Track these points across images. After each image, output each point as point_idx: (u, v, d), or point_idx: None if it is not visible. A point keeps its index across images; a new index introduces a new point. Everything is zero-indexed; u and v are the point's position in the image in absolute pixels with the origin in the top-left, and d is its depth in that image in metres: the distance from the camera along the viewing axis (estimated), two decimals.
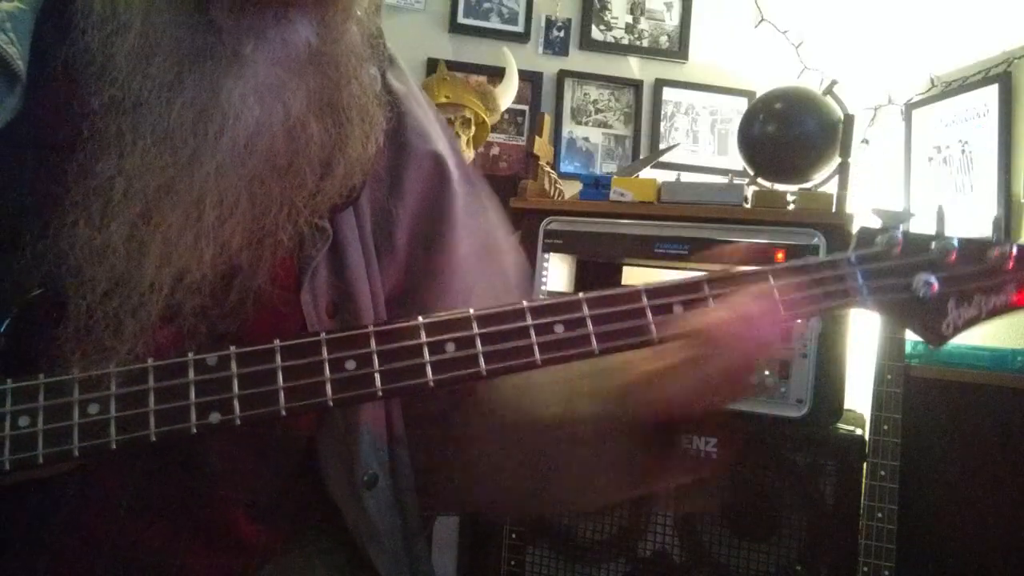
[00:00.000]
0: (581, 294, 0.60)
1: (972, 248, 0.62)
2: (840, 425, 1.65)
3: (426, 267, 0.80)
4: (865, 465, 1.48)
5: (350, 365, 0.57)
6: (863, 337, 1.72)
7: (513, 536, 1.57)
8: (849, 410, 1.72)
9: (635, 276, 1.78)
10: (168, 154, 0.62)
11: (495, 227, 0.85)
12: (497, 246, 0.84)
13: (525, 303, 0.59)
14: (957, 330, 0.62)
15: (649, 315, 0.60)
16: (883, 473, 1.43)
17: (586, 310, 0.60)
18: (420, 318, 0.58)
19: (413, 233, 0.79)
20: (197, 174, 0.62)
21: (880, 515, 1.42)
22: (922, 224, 0.65)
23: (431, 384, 0.57)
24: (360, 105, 0.71)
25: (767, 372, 1.64)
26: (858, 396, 1.79)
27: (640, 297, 0.60)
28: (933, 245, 0.62)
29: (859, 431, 1.63)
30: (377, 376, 0.57)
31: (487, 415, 0.75)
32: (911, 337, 1.55)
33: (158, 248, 0.60)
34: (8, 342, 0.59)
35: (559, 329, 0.59)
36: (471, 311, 0.58)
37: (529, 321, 0.58)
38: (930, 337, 0.62)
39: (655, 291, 0.61)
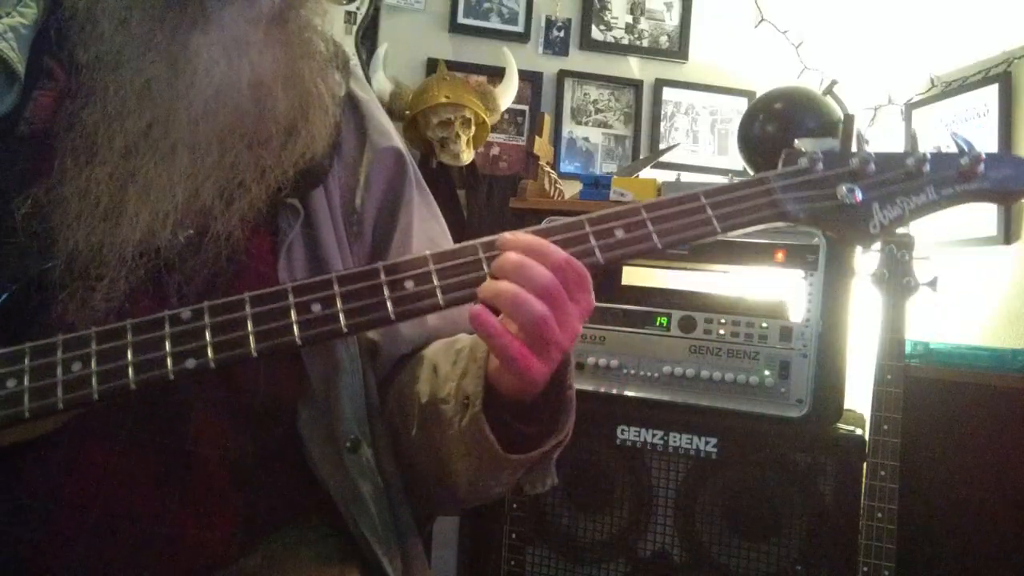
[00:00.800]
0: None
1: (890, 158, 0.68)
2: (840, 425, 1.65)
3: (384, 250, 0.86)
4: (865, 465, 1.48)
5: (316, 307, 0.61)
6: (863, 337, 1.72)
7: (513, 536, 1.57)
8: (849, 410, 1.72)
9: (635, 276, 1.78)
10: (146, 104, 0.69)
11: (437, 234, 0.92)
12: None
13: (478, 242, 0.63)
14: (884, 229, 0.67)
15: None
16: (883, 473, 1.43)
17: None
18: (379, 263, 0.63)
19: (377, 221, 0.86)
20: (171, 124, 0.69)
21: (880, 515, 1.42)
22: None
23: (392, 316, 0.61)
24: (323, 81, 0.79)
25: (767, 372, 1.65)
26: (858, 396, 1.79)
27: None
28: (852, 159, 0.67)
29: (859, 431, 1.63)
30: (341, 314, 0.61)
31: (408, 397, 0.80)
32: (911, 337, 1.55)
33: (136, 187, 0.67)
34: (9, 312, 0.65)
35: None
36: (428, 252, 0.63)
37: (481, 255, 0.63)
38: (859, 238, 0.67)
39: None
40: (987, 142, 2.01)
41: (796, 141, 0.74)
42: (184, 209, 0.68)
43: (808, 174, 0.67)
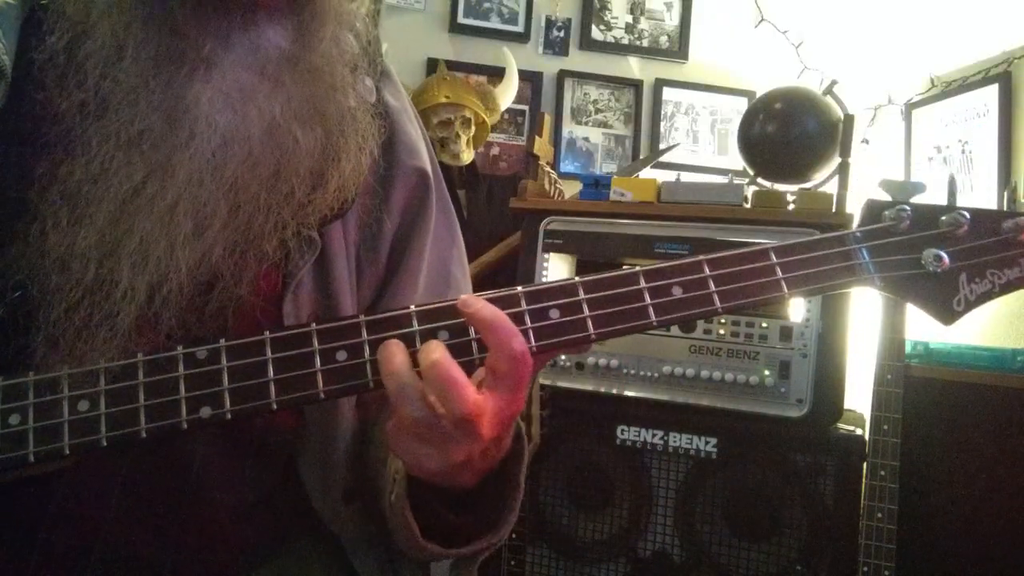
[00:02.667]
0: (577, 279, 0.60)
1: (984, 220, 0.60)
2: (840, 425, 1.65)
3: (393, 276, 0.80)
4: (865, 465, 1.48)
5: (341, 356, 0.56)
6: (863, 337, 1.72)
7: (513, 536, 1.57)
8: (849, 410, 1.72)
9: None
10: (137, 159, 0.60)
11: (453, 261, 0.85)
12: (448, 280, 0.84)
13: (520, 289, 0.58)
14: (970, 306, 0.59)
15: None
16: (883, 473, 1.43)
17: (582, 293, 0.59)
18: (411, 307, 0.57)
19: (393, 245, 0.80)
20: (169, 180, 0.60)
21: (880, 515, 1.42)
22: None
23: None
24: (352, 116, 0.70)
25: (767, 372, 1.65)
26: (858, 396, 1.79)
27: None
28: (943, 218, 0.59)
29: (859, 431, 1.63)
30: (368, 366, 0.56)
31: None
32: (911, 337, 1.55)
33: (130, 255, 0.59)
34: None
35: (554, 314, 0.58)
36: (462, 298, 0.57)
37: (524, 306, 0.57)
38: (942, 315, 0.59)
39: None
40: (987, 142, 2.01)
41: (880, 182, 0.65)
42: (188, 278, 0.60)
43: (892, 234, 0.59)
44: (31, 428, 0.55)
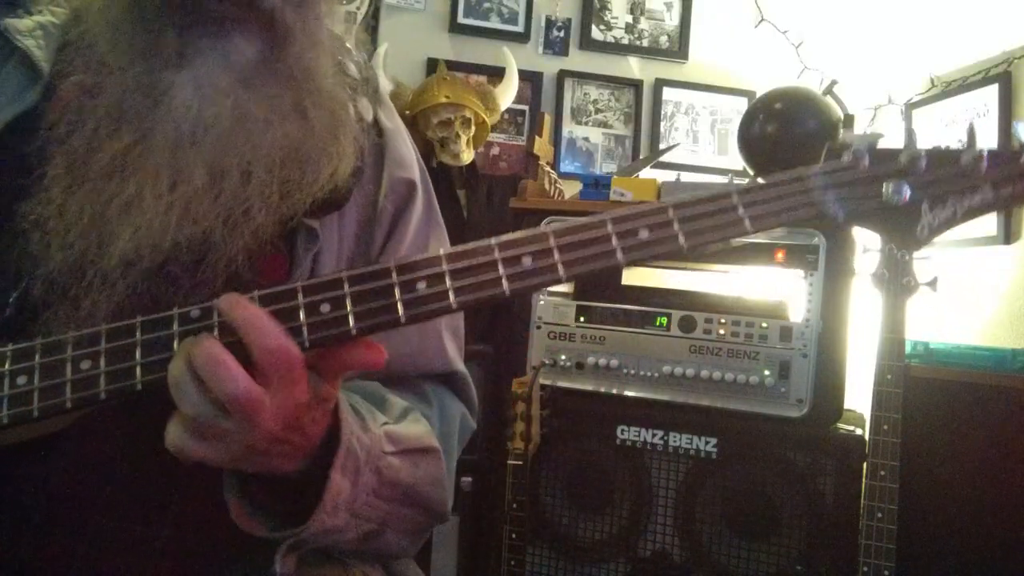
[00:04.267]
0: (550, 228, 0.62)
1: (943, 155, 0.62)
2: (840, 425, 1.65)
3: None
4: (865, 465, 1.48)
5: (324, 308, 0.59)
6: (863, 337, 1.72)
7: (513, 536, 1.57)
8: (849, 410, 1.72)
9: (635, 275, 1.78)
10: (124, 128, 0.68)
11: (430, 246, 0.90)
12: None
13: (492, 241, 0.60)
14: (933, 232, 0.61)
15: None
16: (883, 473, 1.43)
17: (551, 242, 0.61)
18: (392, 260, 0.60)
19: (378, 251, 0.85)
20: (152, 146, 0.67)
21: (880, 515, 1.42)
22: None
23: (402, 320, 0.59)
24: (348, 122, 0.77)
25: (767, 372, 1.65)
26: (858, 396, 1.79)
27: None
28: (901, 156, 0.62)
29: (859, 431, 1.63)
30: (351, 316, 0.59)
31: None
32: (911, 337, 1.55)
33: (118, 205, 0.66)
34: (14, 312, 0.65)
35: (527, 261, 0.60)
36: (442, 251, 0.60)
37: (497, 255, 0.60)
38: (906, 241, 0.62)
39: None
40: (987, 142, 2.00)
41: (841, 134, 0.69)
42: (176, 232, 0.66)
43: (851, 171, 0.62)
44: (36, 388, 0.59)
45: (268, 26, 0.71)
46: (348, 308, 0.59)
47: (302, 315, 0.59)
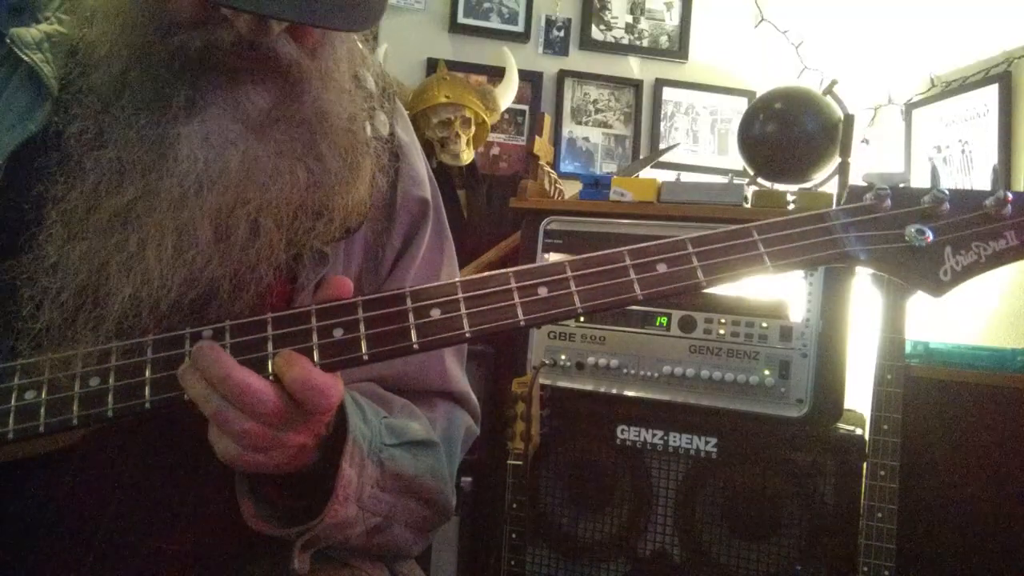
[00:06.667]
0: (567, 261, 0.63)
1: (966, 197, 0.61)
2: (840, 425, 1.65)
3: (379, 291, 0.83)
4: (865, 465, 1.48)
5: (338, 332, 0.59)
6: (863, 337, 1.72)
7: (513, 536, 1.57)
8: (849, 410, 1.72)
9: None
10: (127, 184, 0.65)
11: (440, 279, 0.89)
12: None
13: (511, 271, 0.61)
14: (958, 277, 0.60)
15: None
16: (883, 473, 1.43)
17: (568, 271, 0.62)
18: (407, 287, 0.61)
19: (389, 268, 0.85)
20: (155, 202, 0.65)
21: (880, 515, 1.42)
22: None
23: (416, 347, 0.59)
24: (366, 145, 0.76)
25: (767, 372, 1.65)
26: (858, 396, 1.79)
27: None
28: (925, 198, 0.61)
29: (859, 431, 1.63)
30: (363, 341, 0.59)
31: None
32: (911, 337, 1.55)
33: (118, 266, 0.63)
34: None
35: (542, 291, 0.61)
36: (457, 279, 0.61)
37: (512, 284, 0.60)
38: (928, 286, 0.60)
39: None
40: (987, 142, 2.01)
41: (864, 175, 0.69)
42: (179, 292, 0.64)
43: (873, 212, 0.61)
44: (43, 401, 0.59)
45: (283, 76, 0.69)
46: (361, 332, 0.59)
47: (315, 337, 0.59)
